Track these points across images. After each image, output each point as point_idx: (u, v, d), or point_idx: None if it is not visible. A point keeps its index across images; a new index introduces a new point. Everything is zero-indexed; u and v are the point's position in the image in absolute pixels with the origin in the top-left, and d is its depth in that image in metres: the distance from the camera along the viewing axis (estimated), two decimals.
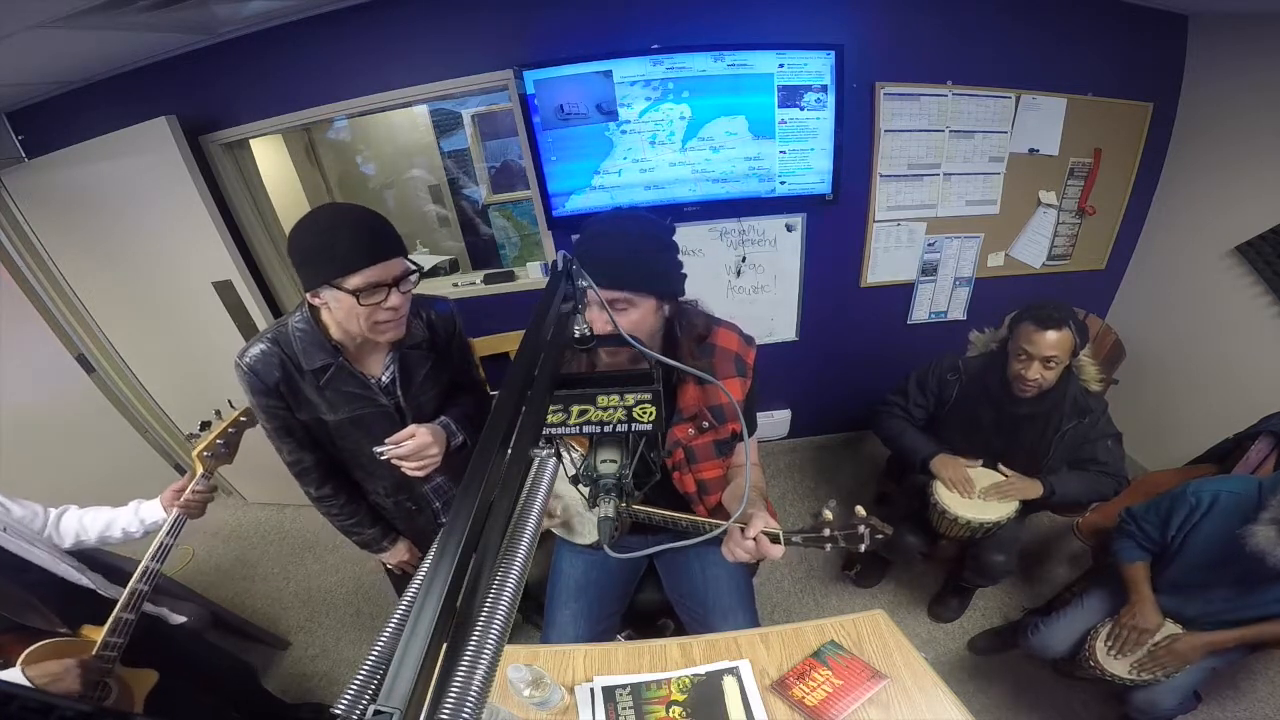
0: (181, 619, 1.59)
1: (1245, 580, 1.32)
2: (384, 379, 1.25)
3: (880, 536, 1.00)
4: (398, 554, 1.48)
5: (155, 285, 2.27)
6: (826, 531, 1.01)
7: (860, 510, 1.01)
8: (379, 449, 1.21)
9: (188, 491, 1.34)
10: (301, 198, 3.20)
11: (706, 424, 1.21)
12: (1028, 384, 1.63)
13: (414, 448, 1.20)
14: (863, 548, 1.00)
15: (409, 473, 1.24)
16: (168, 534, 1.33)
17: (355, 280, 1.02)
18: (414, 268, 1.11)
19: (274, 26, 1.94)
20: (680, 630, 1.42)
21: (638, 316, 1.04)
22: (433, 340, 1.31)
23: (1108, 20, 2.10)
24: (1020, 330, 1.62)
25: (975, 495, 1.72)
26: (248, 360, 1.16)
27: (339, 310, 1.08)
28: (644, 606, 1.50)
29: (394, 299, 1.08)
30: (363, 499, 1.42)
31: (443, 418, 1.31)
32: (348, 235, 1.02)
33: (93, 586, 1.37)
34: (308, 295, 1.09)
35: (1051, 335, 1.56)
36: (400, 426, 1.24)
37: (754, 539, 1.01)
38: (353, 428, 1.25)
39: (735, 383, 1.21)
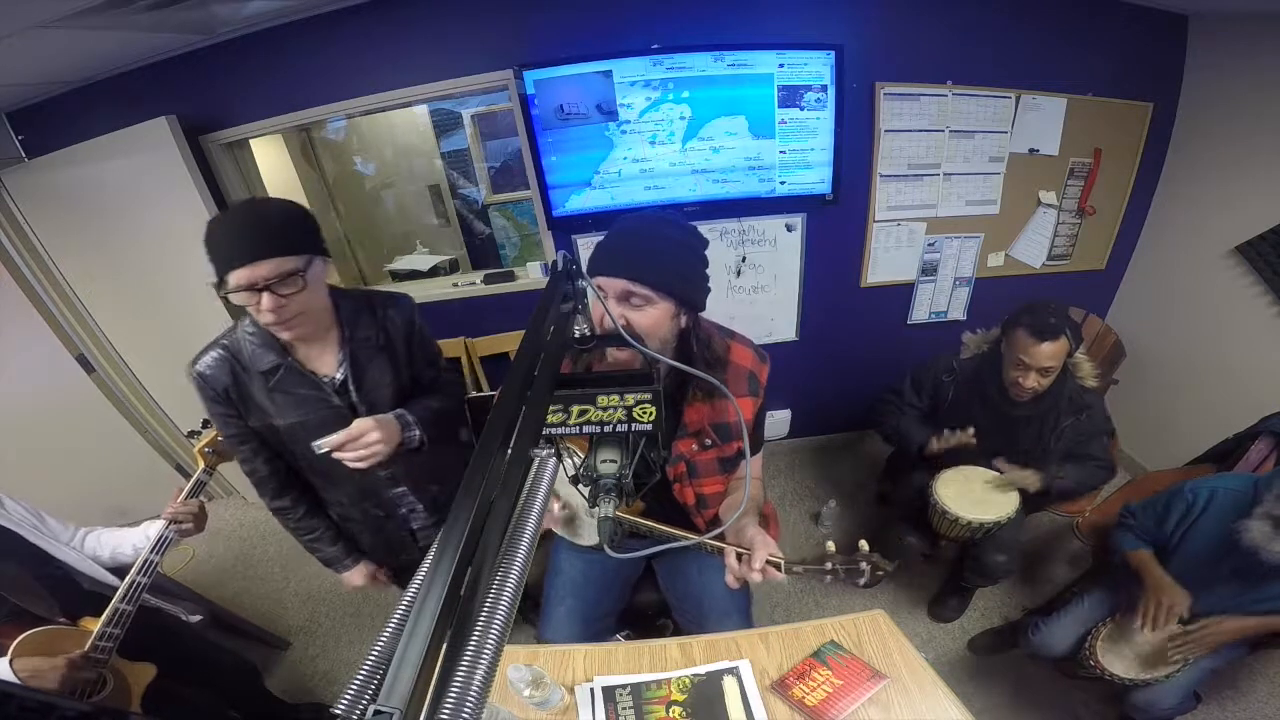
0: (197, 617, 1.60)
1: (1245, 576, 1.32)
2: (338, 377, 1.19)
3: (880, 574, 1.00)
4: (358, 576, 1.42)
5: (155, 285, 2.27)
6: (828, 565, 1.01)
7: (864, 545, 1.02)
8: (317, 443, 1.09)
9: (171, 508, 1.34)
10: (302, 198, 3.18)
11: (710, 441, 1.19)
12: (1024, 392, 1.65)
13: (346, 435, 1.09)
14: (861, 582, 1.00)
15: (350, 465, 1.12)
16: (153, 550, 1.34)
17: (230, 282, 0.99)
18: (296, 269, 1.02)
19: (274, 26, 1.94)
20: (680, 630, 1.42)
21: (655, 316, 1.00)
22: (387, 336, 1.25)
23: (1108, 20, 2.10)
24: (1017, 339, 1.62)
25: (976, 483, 1.74)
26: (198, 367, 1.13)
27: None
28: (643, 606, 1.50)
29: (265, 301, 1.00)
30: (323, 513, 1.37)
31: (400, 410, 1.23)
32: (218, 238, 1.00)
33: (112, 584, 1.38)
34: None
35: (1048, 347, 1.57)
36: None
37: (759, 570, 1.01)
38: (304, 432, 1.16)
39: (747, 402, 1.18)
